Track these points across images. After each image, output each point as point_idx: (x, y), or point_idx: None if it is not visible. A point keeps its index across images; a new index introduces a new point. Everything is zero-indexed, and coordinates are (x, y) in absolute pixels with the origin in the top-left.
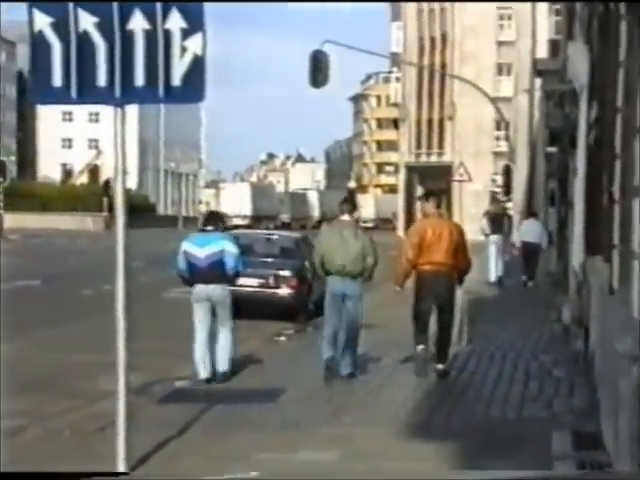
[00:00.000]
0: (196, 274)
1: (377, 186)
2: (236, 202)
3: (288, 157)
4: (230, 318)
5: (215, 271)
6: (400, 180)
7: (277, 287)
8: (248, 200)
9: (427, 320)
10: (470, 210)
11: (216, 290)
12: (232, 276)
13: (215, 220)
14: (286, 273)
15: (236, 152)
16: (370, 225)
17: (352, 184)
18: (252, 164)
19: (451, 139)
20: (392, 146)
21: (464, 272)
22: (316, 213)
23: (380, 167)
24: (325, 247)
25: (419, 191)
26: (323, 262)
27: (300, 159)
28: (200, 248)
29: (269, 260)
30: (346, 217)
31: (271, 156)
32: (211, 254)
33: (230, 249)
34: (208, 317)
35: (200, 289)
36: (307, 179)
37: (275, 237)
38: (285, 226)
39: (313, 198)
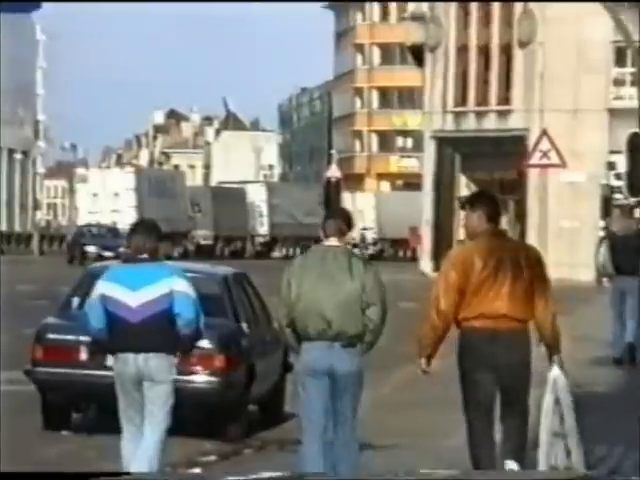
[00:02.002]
0: (122, 335)
1: (381, 176)
2: (107, 205)
3: (208, 119)
4: (167, 415)
5: (155, 330)
6: (426, 165)
7: (188, 370)
8: (131, 202)
9: (490, 414)
10: (560, 223)
11: (152, 362)
12: (187, 338)
13: (153, 238)
14: (205, 344)
15: (106, 109)
16: (370, 251)
17: (333, 172)
18: (137, 132)
19: (525, 85)
20: (411, 99)
21: (552, 337)
22: (263, 228)
23: (387, 139)
24: (299, 292)
25: (462, 187)
26: (295, 318)
27: (232, 123)
28: (131, 291)
29: None
30: (334, 241)
31: (174, 117)
32: (150, 302)
33: (183, 290)
34: (140, 406)
35: (125, 361)
36: (246, 162)
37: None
38: (203, 252)
39: (258, 199)
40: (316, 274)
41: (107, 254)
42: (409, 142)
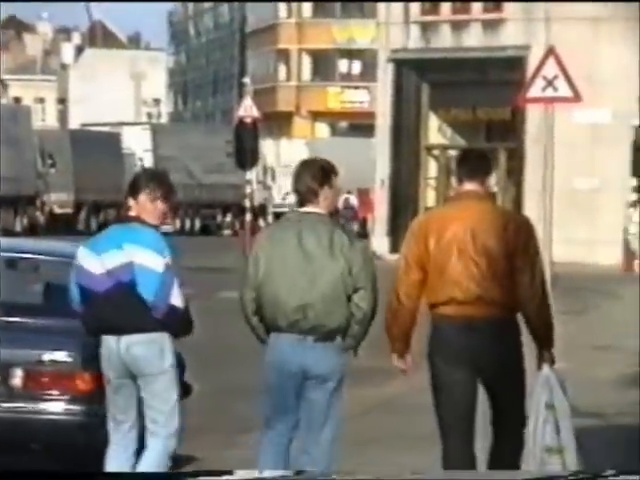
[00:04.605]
0: (92, 310)
1: (317, 115)
2: None
3: (64, 31)
4: (171, 416)
5: (126, 305)
6: (380, 99)
7: (38, 395)
8: None
9: (471, 426)
10: (572, 183)
11: (136, 350)
12: (164, 324)
13: (149, 189)
14: (63, 356)
15: None
16: None
17: (247, 110)
18: None
19: None
20: (358, 4)
21: (540, 325)
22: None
23: (324, 62)
24: (269, 270)
25: (433, 131)
26: (263, 304)
27: (100, 38)
28: (96, 256)
29: (14, 321)
30: (311, 207)
31: (14, 26)
32: (112, 270)
33: (144, 263)
34: (131, 410)
35: (107, 345)
36: (121, 95)
37: (30, 258)
38: (60, 225)
39: (138, 148)
40: (290, 249)
41: None
42: (356, 66)
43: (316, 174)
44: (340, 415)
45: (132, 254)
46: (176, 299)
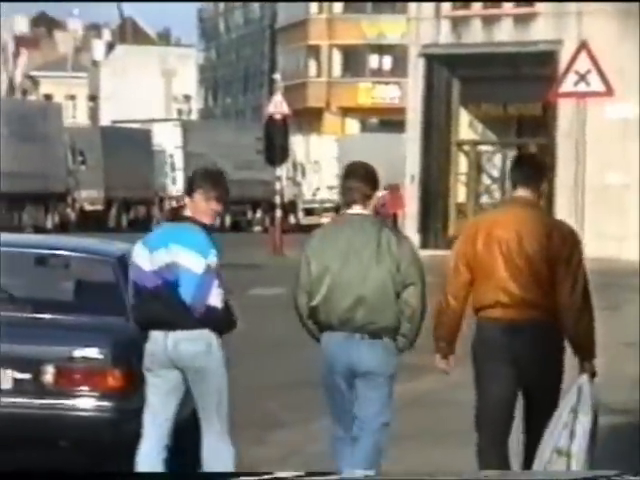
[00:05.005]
0: (142, 306)
1: (347, 111)
2: None
3: (95, 28)
4: (226, 408)
5: (172, 303)
6: (411, 95)
7: (68, 391)
8: None
9: (505, 428)
10: (603, 179)
11: (182, 347)
12: (201, 315)
13: (204, 189)
14: (94, 352)
15: None
16: (324, 219)
17: (277, 106)
18: None
19: None
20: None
21: (579, 334)
22: (177, 187)
23: (355, 57)
24: (321, 273)
25: (464, 126)
26: (315, 306)
27: (130, 34)
28: (149, 253)
29: (45, 318)
30: (359, 209)
31: (45, 24)
32: (160, 269)
33: (185, 265)
34: (170, 404)
35: (155, 340)
36: (152, 91)
37: (61, 254)
38: (91, 222)
39: (169, 145)
40: (340, 250)
41: None
42: (387, 62)
43: (369, 179)
44: (390, 411)
45: (176, 254)
46: (215, 299)
